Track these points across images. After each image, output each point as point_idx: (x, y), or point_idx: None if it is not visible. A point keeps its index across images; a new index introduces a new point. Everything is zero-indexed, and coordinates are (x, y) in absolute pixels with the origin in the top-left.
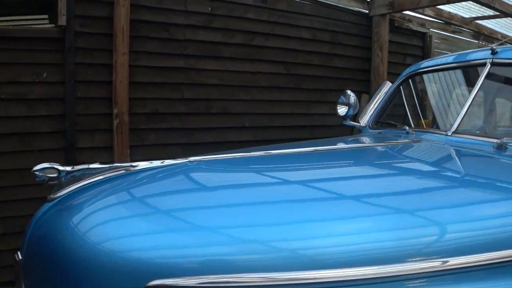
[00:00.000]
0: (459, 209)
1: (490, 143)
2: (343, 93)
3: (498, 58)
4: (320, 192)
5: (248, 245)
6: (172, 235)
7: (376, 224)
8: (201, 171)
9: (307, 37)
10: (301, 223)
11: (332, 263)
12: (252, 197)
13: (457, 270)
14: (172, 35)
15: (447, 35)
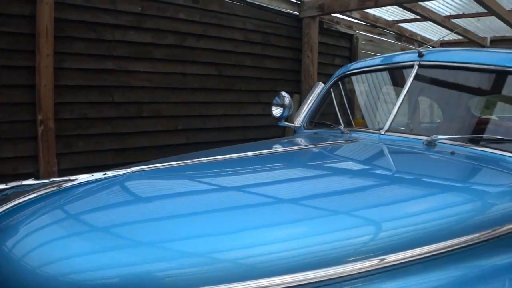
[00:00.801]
0: (393, 206)
1: (421, 140)
2: (278, 95)
3: (425, 60)
4: (259, 198)
5: (189, 258)
6: (113, 254)
7: (313, 227)
8: (143, 182)
9: (239, 38)
10: (239, 232)
11: (272, 271)
12: (192, 208)
13: (394, 266)
14: (100, 36)
15: (372, 36)
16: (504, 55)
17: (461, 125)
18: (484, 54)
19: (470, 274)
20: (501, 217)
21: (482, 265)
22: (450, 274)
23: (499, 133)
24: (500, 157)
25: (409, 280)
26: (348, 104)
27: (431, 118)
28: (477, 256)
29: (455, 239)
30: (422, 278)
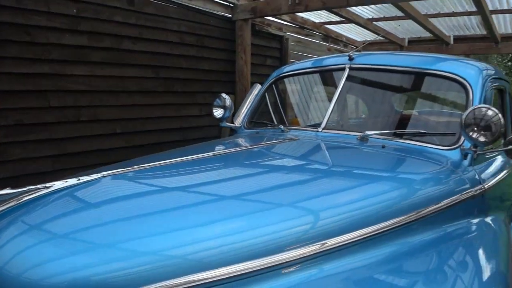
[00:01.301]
0: (332, 196)
1: (354, 136)
2: (218, 96)
3: (354, 63)
4: (208, 197)
5: (144, 257)
6: (78, 258)
7: (257, 220)
8: (112, 187)
9: (175, 41)
10: (188, 229)
11: (220, 262)
12: (148, 208)
13: (334, 248)
14: (35, 39)
15: (301, 38)
16: (422, 58)
17: (388, 120)
18: (405, 57)
19: (401, 250)
20: (425, 199)
21: (411, 241)
22: (383, 251)
23: (420, 126)
24: (423, 148)
25: (348, 260)
26: (285, 104)
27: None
28: (406, 234)
29: (386, 221)
30: (360, 256)
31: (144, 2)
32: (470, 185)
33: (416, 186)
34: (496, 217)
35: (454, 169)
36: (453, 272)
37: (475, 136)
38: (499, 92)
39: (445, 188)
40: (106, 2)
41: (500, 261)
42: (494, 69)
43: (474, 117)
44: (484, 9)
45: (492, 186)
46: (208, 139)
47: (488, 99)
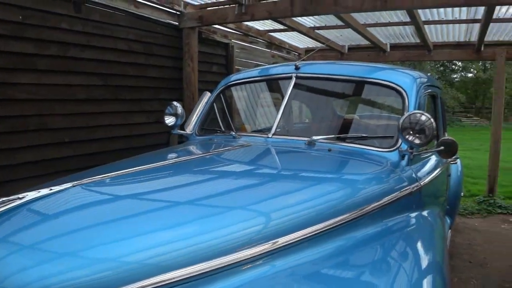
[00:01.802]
0: (283, 197)
1: (303, 141)
2: (170, 104)
3: (301, 72)
4: (168, 203)
5: (104, 264)
6: (45, 267)
7: (212, 224)
8: (81, 196)
9: (122, 48)
10: (147, 235)
11: (177, 265)
12: (111, 216)
13: (286, 246)
14: None
15: (245, 45)
16: (363, 67)
17: (333, 125)
18: (348, 67)
19: (347, 244)
20: (368, 197)
21: (356, 235)
22: (331, 246)
23: (362, 131)
24: (365, 151)
25: (299, 255)
26: (234, 111)
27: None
28: (351, 230)
29: (333, 219)
30: (309, 252)
31: (92, 10)
32: (408, 183)
33: (360, 185)
34: (432, 211)
35: (393, 169)
36: (395, 263)
37: (411, 139)
38: (431, 98)
39: (386, 186)
40: (52, 9)
41: (436, 252)
42: (427, 77)
43: (410, 122)
44: (417, 20)
45: (427, 183)
46: (157, 146)
47: (422, 105)
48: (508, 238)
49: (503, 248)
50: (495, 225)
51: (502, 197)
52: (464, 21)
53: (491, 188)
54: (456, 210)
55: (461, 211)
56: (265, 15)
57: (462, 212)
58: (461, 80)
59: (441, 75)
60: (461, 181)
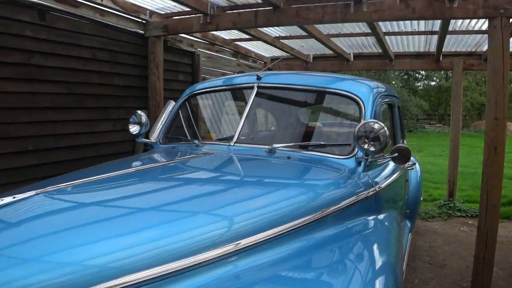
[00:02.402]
0: (244, 202)
1: (263, 149)
2: (134, 113)
3: (262, 82)
4: (126, 209)
5: (66, 268)
6: (9, 271)
7: (175, 228)
8: (44, 203)
9: (88, 56)
10: (109, 239)
11: (141, 266)
12: (75, 222)
13: (248, 247)
14: None
15: (211, 54)
16: (322, 78)
17: (293, 133)
18: (308, 77)
19: (307, 244)
20: (327, 201)
21: (316, 236)
22: (292, 246)
23: (321, 139)
24: (323, 158)
25: (262, 255)
26: (198, 120)
27: (267, 127)
28: (311, 231)
29: (294, 221)
30: (271, 252)
31: (56, 18)
32: (364, 188)
33: (320, 190)
34: (389, 215)
35: (350, 175)
36: (351, 263)
37: (366, 147)
38: (389, 107)
39: (343, 191)
40: (16, 16)
41: (390, 254)
42: (385, 87)
43: (365, 130)
44: (378, 31)
45: (384, 188)
46: (122, 154)
47: (378, 113)
48: (466, 240)
49: (461, 249)
50: (455, 227)
51: (461, 201)
52: (422, 32)
53: (451, 192)
54: (415, 214)
55: (422, 215)
56: (230, 26)
57: (423, 215)
58: (425, 88)
59: (405, 83)
60: (420, 186)
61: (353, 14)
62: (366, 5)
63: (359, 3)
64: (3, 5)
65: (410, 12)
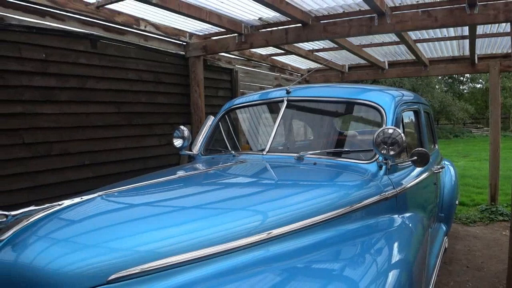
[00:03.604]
0: (276, 201)
1: (292, 157)
2: (177, 128)
3: (291, 96)
4: (175, 207)
5: (118, 252)
6: (78, 254)
7: (221, 220)
8: (105, 203)
9: (134, 78)
10: (161, 229)
11: (183, 250)
12: (131, 217)
13: (280, 236)
14: (8, 82)
15: (249, 69)
16: (347, 89)
17: (320, 141)
18: (333, 89)
19: (336, 233)
20: (353, 199)
21: (344, 228)
22: (322, 235)
23: (346, 145)
24: (347, 163)
25: (292, 242)
26: (235, 133)
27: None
28: (340, 224)
29: (324, 214)
30: (301, 239)
31: (106, 45)
32: (384, 189)
33: (341, 191)
34: (413, 215)
35: (372, 178)
36: (369, 255)
37: (384, 152)
38: (414, 113)
39: (364, 192)
40: (72, 47)
41: (409, 251)
42: (411, 95)
43: (383, 136)
44: (407, 40)
45: (406, 190)
46: (167, 167)
47: (400, 120)
48: (507, 244)
49: (501, 253)
50: (496, 232)
51: (505, 205)
52: (453, 38)
53: (493, 196)
54: (451, 217)
55: (463, 220)
56: (263, 43)
57: (464, 220)
58: (470, 91)
59: (449, 87)
60: (455, 190)
61: (377, 26)
62: (389, 17)
63: (383, 16)
64: (61, 38)
65: (433, 21)
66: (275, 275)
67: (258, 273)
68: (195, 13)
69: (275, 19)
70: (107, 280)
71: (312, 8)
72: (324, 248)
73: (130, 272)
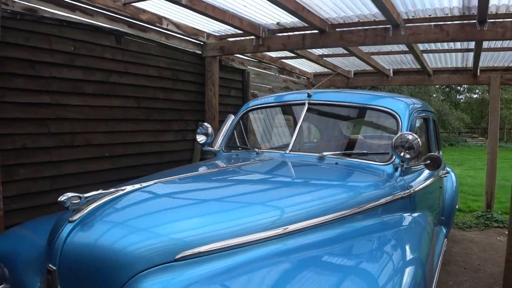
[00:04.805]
0: (297, 196)
1: (314, 156)
2: (201, 125)
3: (312, 99)
4: (211, 200)
5: (162, 237)
6: (140, 234)
7: (243, 213)
8: (159, 190)
9: (154, 75)
10: (192, 218)
11: (218, 238)
12: (176, 204)
13: (296, 231)
14: (38, 72)
15: (260, 71)
16: (364, 95)
17: (340, 143)
18: (352, 95)
19: (347, 231)
20: (368, 198)
21: (355, 225)
22: (334, 232)
23: (363, 148)
24: (366, 164)
25: (307, 237)
26: (255, 131)
27: (310, 139)
28: (349, 221)
29: (334, 214)
30: (315, 235)
31: (129, 41)
32: (400, 189)
33: (360, 189)
34: (423, 215)
35: (388, 178)
36: (386, 251)
37: (402, 154)
38: (424, 121)
39: (382, 191)
40: (98, 41)
41: (422, 248)
42: (420, 103)
43: (401, 141)
44: (415, 50)
45: (418, 191)
46: (182, 161)
47: (413, 126)
48: (502, 248)
49: (497, 256)
50: (491, 237)
51: (499, 212)
52: (458, 50)
53: (489, 203)
54: (451, 221)
55: (460, 225)
56: (280, 47)
57: (460, 225)
58: (467, 101)
59: (446, 96)
60: (455, 195)
61: (392, 37)
62: (403, 29)
63: (397, 27)
64: (89, 32)
65: (444, 35)
66: (300, 266)
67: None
68: (220, 15)
69: (292, 24)
70: (174, 258)
71: (329, 16)
72: (344, 241)
73: (196, 251)
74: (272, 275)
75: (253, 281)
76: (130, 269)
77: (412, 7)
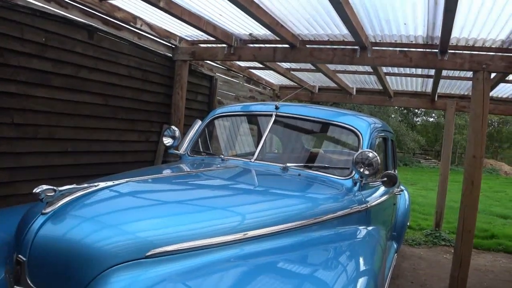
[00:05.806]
0: (260, 204)
1: (278, 166)
2: (169, 128)
3: (280, 112)
4: (172, 201)
5: (130, 234)
6: (108, 230)
7: (213, 216)
8: (129, 188)
9: (124, 74)
10: (157, 218)
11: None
12: (143, 203)
13: (254, 237)
14: (7, 61)
15: (227, 78)
16: (329, 112)
17: (302, 156)
18: (318, 110)
19: (305, 239)
20: (326, 210)
21: (313, 235)
22: (290, 240)
23: (325, 162)
24: (327, 177)
25: (265, 244)
26: (220, 138)
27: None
28: (308, 231)
29: (294, 222)
30: (271, 242)
31: (102, 38)
32: (357, 203)
33: (321, 201)
34: (378, 229)
35: (347, 192)
36: (341, 261)
37: (361, 170)
38: (383, 140)
39: (339, 204)
40: (71, 35)
41: (375, 260)
42: (381, 123)
43: (361, 157)
44: (379, 72)
45: (374, 206)
46: (144, 162)
47: (373, 145)
48: (448, 265)
49: (442, 273)
50: (438, 254)
51: (447, 232)
52: (419, 75)
53: (438, 222)
54: (402, 237)
55: (409, 242)
56: (251, 58)
57: (410, 242)
58: (423, 124)
59: (404, 117)
60: (407, 213)
61: (359, 58)
62: (370, 51)
63: (365, 50)
64: (62, 24)
65: (408, 61)
66: (257, 270)
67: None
68: (195, 21)
69: (264, 37)
70: (145, 255)
71: (301, 32)
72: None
73: (164, 250)
74: (231, 278)
75: (213, 282)
76: (100, 264)
77: (380, 32)
